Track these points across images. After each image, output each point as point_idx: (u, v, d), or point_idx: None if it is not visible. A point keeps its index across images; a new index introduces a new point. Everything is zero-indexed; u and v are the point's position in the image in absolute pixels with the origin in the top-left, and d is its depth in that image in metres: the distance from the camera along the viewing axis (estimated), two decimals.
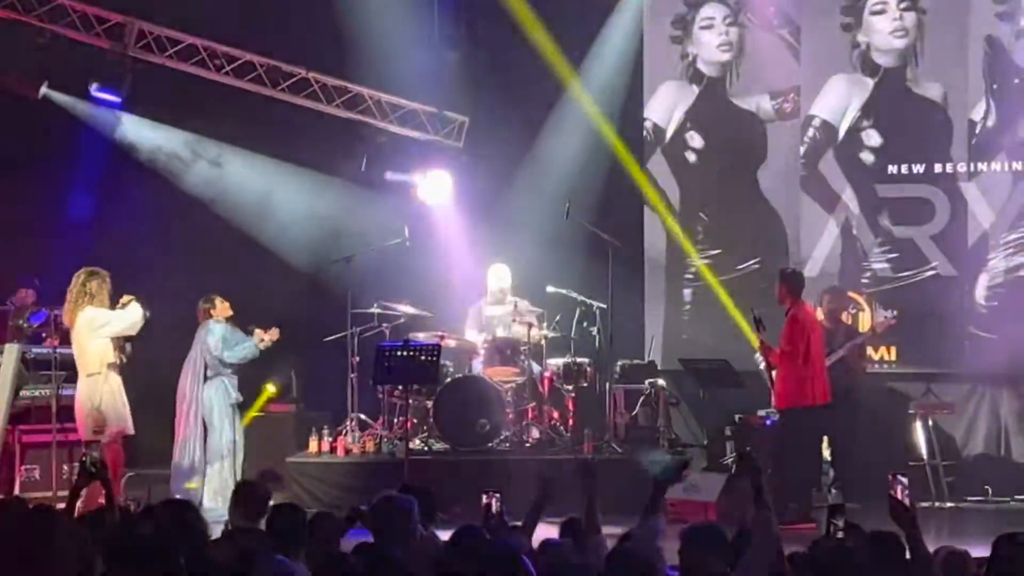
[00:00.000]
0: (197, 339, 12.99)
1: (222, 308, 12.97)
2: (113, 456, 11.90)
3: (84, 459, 7.84)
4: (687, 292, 15.86)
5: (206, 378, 12.81)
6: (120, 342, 12.26)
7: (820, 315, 13.52)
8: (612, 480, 10.72)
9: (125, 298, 12.28)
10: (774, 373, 12.69)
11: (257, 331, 12.94)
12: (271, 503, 7.20)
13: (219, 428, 12.73)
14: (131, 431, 12.27)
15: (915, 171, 15.05)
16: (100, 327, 12.06)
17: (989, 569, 6.16)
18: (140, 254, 14.01)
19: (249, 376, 13.48)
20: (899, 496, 6.13)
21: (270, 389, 14.34)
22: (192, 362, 12.96)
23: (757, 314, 12.76)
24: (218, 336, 12.85)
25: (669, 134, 15.96)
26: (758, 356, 13.10)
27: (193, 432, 12.65)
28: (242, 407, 13.23)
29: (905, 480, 6.20)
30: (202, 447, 12.66)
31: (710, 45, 15.81)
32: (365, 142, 15.79)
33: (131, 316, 12.21)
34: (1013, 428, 14.60)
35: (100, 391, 11.99)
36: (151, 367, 12.99)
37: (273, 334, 12.97)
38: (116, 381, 12.13)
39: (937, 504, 13.35)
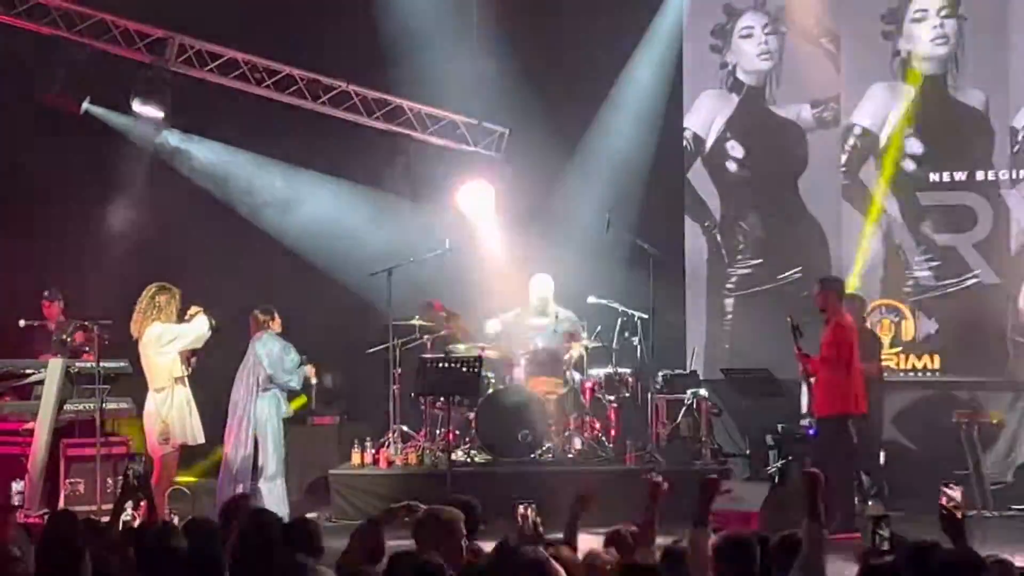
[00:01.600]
0: (251, 351, 12.79)
1: (279, 322, 12.92)
2: (170, 467, 12.02)
3: (128, 472, 7.88)
4: (728, 302, 15.81)
5: (259, 389, 12.70)
6: (187, 354, 12.25)
7: None
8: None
9: (193, 309, 12.26)
10: (812, 381, 12.67)
11: (310, 367, 12.96)
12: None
13: (274, 444, 12.64)
14: (196, 442, 12.31)
15: (957, 178, 15.01)
16: (167, 343, 12.04)
17: None
18: (180, 267, 14.01)
19: None
20: (948, 506, 6.12)
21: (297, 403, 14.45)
22: (246, 373, 12.76)
23: (795, 322, 12.73)
24: (275, 355, 12.69)
25: (709, 144, 15.93)
26: None
27: (244, 445, 12.58)
28: None
29: (955, 491, 6.18)
30: (252, 461, 12.58)
31: (750, 54, 15.78)
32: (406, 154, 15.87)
33: (197, 329, 12.19)
34: None
35: (167, 405, 12.02)
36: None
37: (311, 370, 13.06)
38: (183, 394, 12.12)
39: (983, 513, 13.25)
